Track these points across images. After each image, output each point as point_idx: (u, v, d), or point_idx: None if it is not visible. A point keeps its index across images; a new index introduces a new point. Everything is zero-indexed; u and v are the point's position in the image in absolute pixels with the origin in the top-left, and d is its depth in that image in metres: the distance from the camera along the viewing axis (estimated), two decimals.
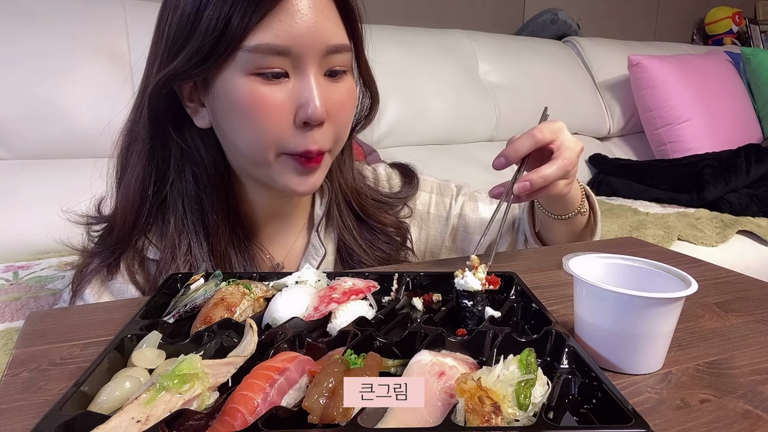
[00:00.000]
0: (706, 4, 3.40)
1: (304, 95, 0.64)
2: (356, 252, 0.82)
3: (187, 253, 0.73)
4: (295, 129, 0.66)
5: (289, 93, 0.64)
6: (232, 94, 0.64)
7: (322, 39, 0.64)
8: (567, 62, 2.53)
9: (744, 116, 2.61)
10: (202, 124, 0.70)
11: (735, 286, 0.68)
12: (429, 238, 0.94)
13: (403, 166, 0.96)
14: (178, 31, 0.64)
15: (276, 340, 0.47)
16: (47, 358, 0.50)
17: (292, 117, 0.65)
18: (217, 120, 0.68)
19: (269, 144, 0.66)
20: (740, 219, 1.70)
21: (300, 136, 0.66)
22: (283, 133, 0.65)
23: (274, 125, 0.65)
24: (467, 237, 0.93)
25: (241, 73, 0.63)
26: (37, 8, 1.49)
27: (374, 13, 2.42)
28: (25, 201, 1.36)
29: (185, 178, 0.73)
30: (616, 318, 0.47)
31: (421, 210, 0.93)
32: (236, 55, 0.63)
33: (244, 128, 0.66)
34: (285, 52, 0.63)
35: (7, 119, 1.41)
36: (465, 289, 0.55)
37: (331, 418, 0.37)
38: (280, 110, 0.64)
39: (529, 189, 0.67)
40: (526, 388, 0.39)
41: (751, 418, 0.42)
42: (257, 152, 0.67)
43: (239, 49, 0.62)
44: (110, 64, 1.51)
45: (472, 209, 0.93)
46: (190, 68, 0.64)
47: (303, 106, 0.64)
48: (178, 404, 0.37)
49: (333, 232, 0.83)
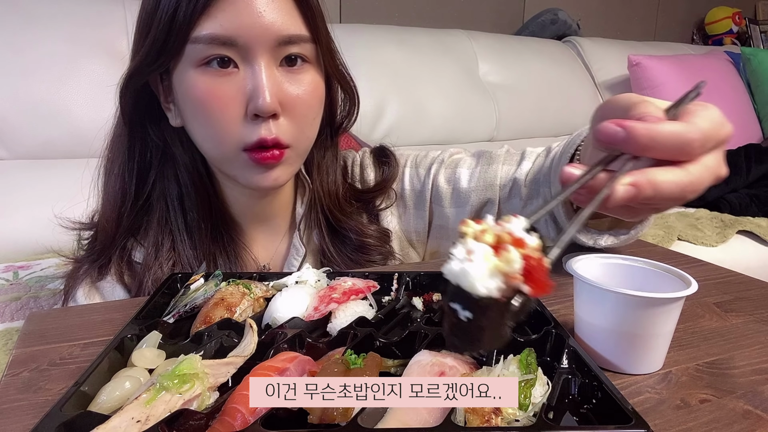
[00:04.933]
0: (706, 4, 3.40)
1: (252, 87, 0.63)
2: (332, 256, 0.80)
3: (170, 250, 0.73)
4: (247, 121, 0.65)
5: (238, 85, 0.64)
6: (185, 89, 0.65)
7: (272, 29, 0.63)
8: (567, 62, 2.53)
9: (744, 116, 2.61)
10: (174, 123, 0.71)
11: (735, 286, 0.68)
12: (410, 218, 0.87)
13: (380, 149, 0.90)
14: (141, 27, 0.66)
15: (276, 340, 0.47)
16: (47, 358, 0.50)
17: (244, 110, 0.64)
18: (182, 117, 0.69)
19: (225, 137, 0.66)
20: (740, 219, 1.70)
21: (253, 126, 0.65)
22: (235, 125, 0.65)
23: (226, 117, 0.64)
24: (442, 211, 0.83)
25: (191, 66, 0.64)
26: (37, 8, 1.49)
27: (374, 13, 2.42)
28: (25, 201, 1.36)
29: (166, 177, 0.73)
30: (616, 318, 0.47)
31: (397, 189, 0.86)
32: (186, 48, 0.63)
33: (200, 122, 0.66)
34: (230, 42, 0.62)
35: (7, 119, 1.41)
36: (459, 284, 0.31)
37: (331, 418, 0.37)
38: (230, 102, 0.64)
39: (633, 196, 0.39)
40: (526, 388, 0.39)
41: (751, 418, 0.42)
42: (216, 146, 0.67)
43: (187, 41, 0.63)
44: (110, 64, 1.51)
45: (447, 178, 0.83)
46: (149, 62, 0.65)
47: (252, 97, 0.63)
48: (178, 404, 0.37)
49: (314, 231, 0.82)
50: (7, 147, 1.43)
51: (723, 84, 2.59)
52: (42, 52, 1.46)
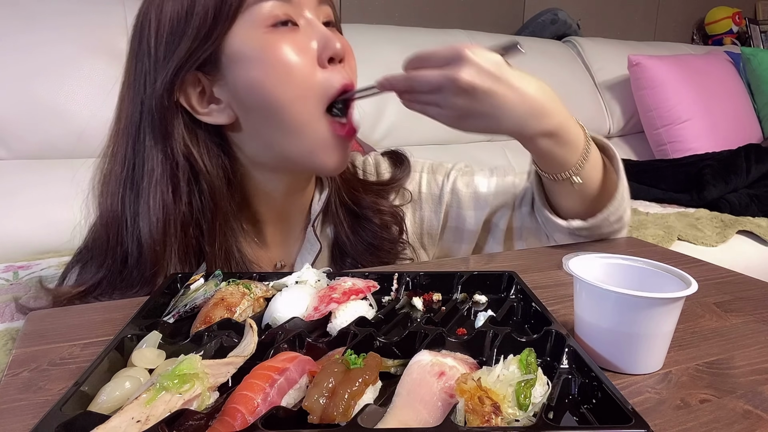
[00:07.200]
0: (706, 4, 3.40)
1: (319, 36, 0.66)
2: (348, 247, 0.81)
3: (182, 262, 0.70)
4: (322, 70, 0.66)
5: (305, 37, 0.66)
6: (251, 52, 0.64)
7: None
8: (567, 62, 2.53)
9: (744, 116, 2.61)
10: (223, 119, 0.68)
11: (735, 286, 0.68)
12: (423, 219, 0.90)
13: (393, 152, 0.94)
14: (173, 22, 0.64)
15: (276, 340, 0.47)
16: (47, 358, 0.50)
17: (316, 61, 0.66)
18: (241, 99, 0.66)
19: (309, 90, 0.65)
20: (740, 219, 1.70)
21: (330, 73, 0.66)
22: (313, 75, 0.66)
23: (303, 66, 0.65)
24: (460, 213, 0.88)
25: (252, 31, 0.64)
26: (37, 8, 1.49)
27: (374, 13, 2.42)
28: (25, 201, 1.36)
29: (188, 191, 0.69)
30: (616, 318, 0.47)
31: (413, 191, 0.90)
32: (240, 16, 0.64)
33: (280, 79, 0.64)
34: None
35: (7, 119, 1.41)
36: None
37: (331, 418, 0.37)
38: (303, 50, 0.65)
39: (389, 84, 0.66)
40: (526, 388, 0.39)
41: (751, 418, 0.42)
42: (299, 108, 0.66)
43: (242, 7, 0.63)
44: (110, 64, 1.51)
45: (466, 183, 0.88)
46: (199, 45, 0.64)
47: (323, 44, 0.66)
48: (178, 404, 0.37)
49: (329, 227, 0.83)
50: (7, 147, 1.43)
51: (723, 84, 2.59)
52: (42, 52, 1.46)
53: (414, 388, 0.40)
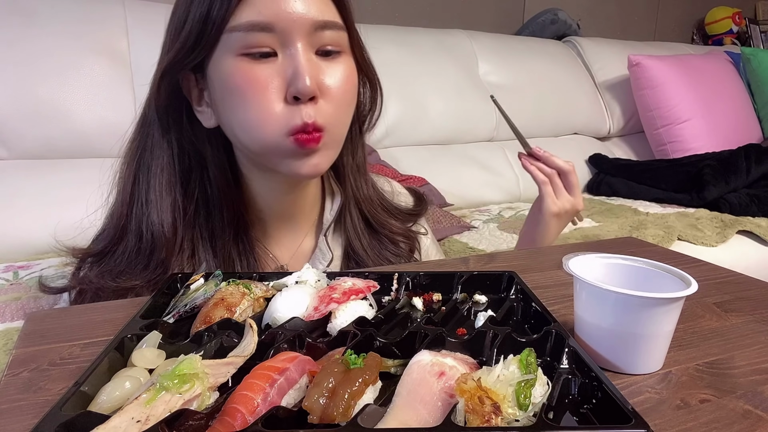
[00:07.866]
0: (706, 4, 3.40)
1: (292, 70, 0.65)
2: (362, 259, 0.82)
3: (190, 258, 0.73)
4: (287, 105, 0.66)
5: (277, 70, 0.65)
6: (224, 77, 0.66)
7: (308, 15, 0.65)
8: (567, 62, 2.53)
9: (744, 116, 2.61)
10: (209, 124, 0.71)
11: (735, 286, 0.68)
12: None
13: (416, 191, 0.98)
14: (176, 20, 0.67)
15: (276, 340, 0.47)
16: (47, 358, 0.50)
17: (283, 94, 0.65)
18: (218, 112, 0.69)
19: (269, 121, 0.66)
20: (740, 219, 1.70)
21: (293, 110, 0.66)
22: (278, 109, 0.65)
23: (268, 99, 0.65)
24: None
25: (230, 55, 0.65)
26: (37, 8, 1.49)
27: (374, 13, 2.42)
28: (25, 201, 1.35)
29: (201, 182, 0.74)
30: (616, 318, 0.47)
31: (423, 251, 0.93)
32: (223, 37, 0.64)
33: (242, 109, 0.66)
34: (269, 27, 0.63)
35: (7, 119, 1.41)
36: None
37: (331, 418, 0.37)
38: (270, 86, 0.65)
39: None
40: (526, 388, 0.39)
41: (751, 418, 0.42)
42: (260, 134, 0.67)
43: (225, 30, 0.64)
44: (110, 64, 1.51)
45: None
46: (184, 56, 0.66)
47: (292, 80, 0.64)
48: (178, 404, 0.37)
49: (340, 237, 0.83)
50: (8, 147, 1.43)
51: (723, 84, 2.59)
52: (42, 52, 1.46)
53: (414, 388, 0.40)
